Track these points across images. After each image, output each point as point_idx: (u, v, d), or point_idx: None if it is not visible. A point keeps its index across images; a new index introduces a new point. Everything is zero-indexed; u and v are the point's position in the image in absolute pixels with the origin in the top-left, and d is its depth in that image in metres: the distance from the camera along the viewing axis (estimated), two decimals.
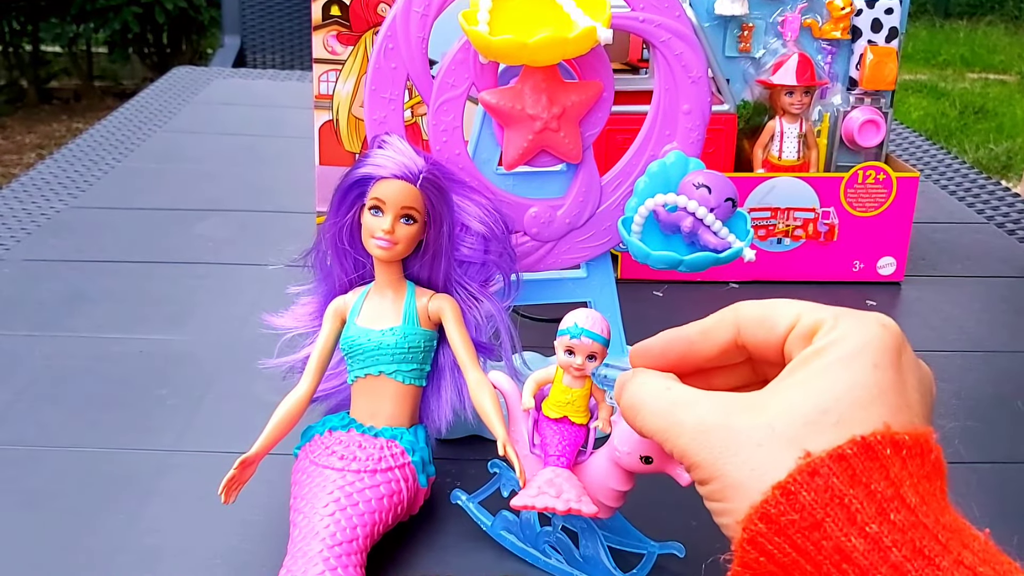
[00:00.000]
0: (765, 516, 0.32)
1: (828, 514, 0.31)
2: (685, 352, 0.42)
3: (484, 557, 0.56)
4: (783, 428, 0.34)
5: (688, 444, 0.36)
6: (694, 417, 0.37)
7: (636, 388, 0.41)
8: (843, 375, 0.34)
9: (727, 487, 0.34)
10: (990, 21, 5.87)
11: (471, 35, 0.56)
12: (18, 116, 4.02)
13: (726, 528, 0.35)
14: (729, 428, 0.35)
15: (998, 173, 3.74)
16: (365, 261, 0.59)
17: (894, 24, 0.91)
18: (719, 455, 0.35)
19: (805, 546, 0.31)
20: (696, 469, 0.36)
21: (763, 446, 0.34)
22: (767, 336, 0.39)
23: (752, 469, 0.33)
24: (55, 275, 0.90)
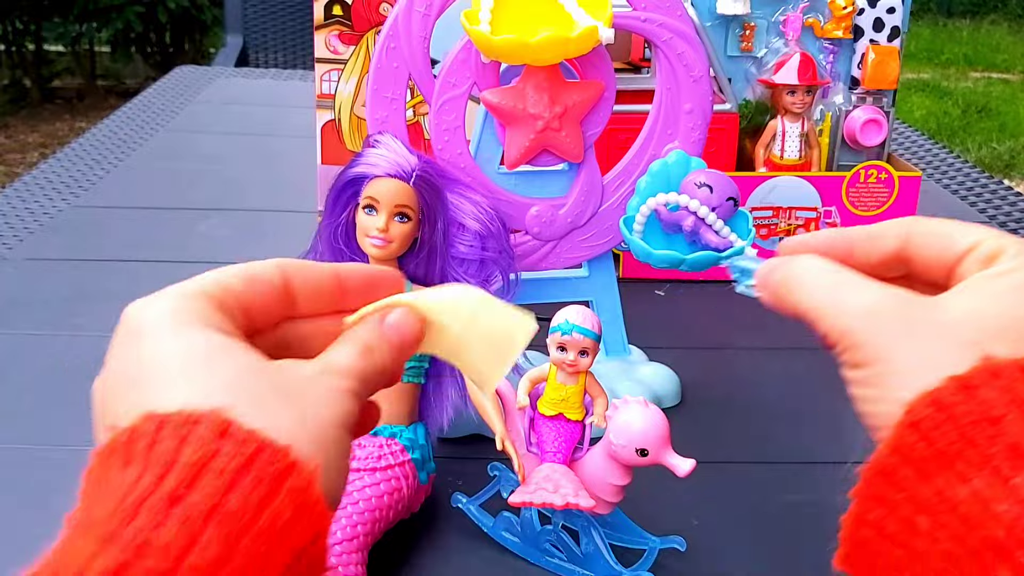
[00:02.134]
0: (937, 402, 0.31)
1: (1008, 412, 0.30)
2: (844, 255, 0.39)
3: (485, 555, 0.56)
4: (964, 329, 0.33)
5: (853, 323, 0.35)
6: (866, 298, 0.35)
7: (796, 264, 0.38)
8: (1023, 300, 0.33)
9: (890, 373, 0.33)
10: (993, 20, 5.87)
11: (473, 35, 0.56)
12: (21, 115, 4.02)
13: (872, 416, 0.34)
14: (905, 316, 0.34)
15: (1001, 172, 3.73)
16: (361, 260, 0.59)
17: (896, 23, 0.91)
18: (890, 339, 0.33)
19: (977, 437, 0.30)
20: (856, 350, 0.34)
21: (941, 339, 0.33)
22: (941, 252, 0.37)
23: (925, 359, 0.32)
24: (58, 274, 0.90)
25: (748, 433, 0.69)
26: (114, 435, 0.28)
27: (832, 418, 0.70)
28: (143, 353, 0.31)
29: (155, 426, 0.28)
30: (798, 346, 0.81)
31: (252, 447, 0.27)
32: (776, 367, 0.78)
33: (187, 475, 0.26)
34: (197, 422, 0.28)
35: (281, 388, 0.30)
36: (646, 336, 0.74)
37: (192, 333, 0.31)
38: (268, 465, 0.27)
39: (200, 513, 0.26)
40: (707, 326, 0.84)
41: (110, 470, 0.28)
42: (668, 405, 0.71)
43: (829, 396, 0.72)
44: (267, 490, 0.27)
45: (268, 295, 0.34)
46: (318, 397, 0.31)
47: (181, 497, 0.26)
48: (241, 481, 0.27)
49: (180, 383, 0.29)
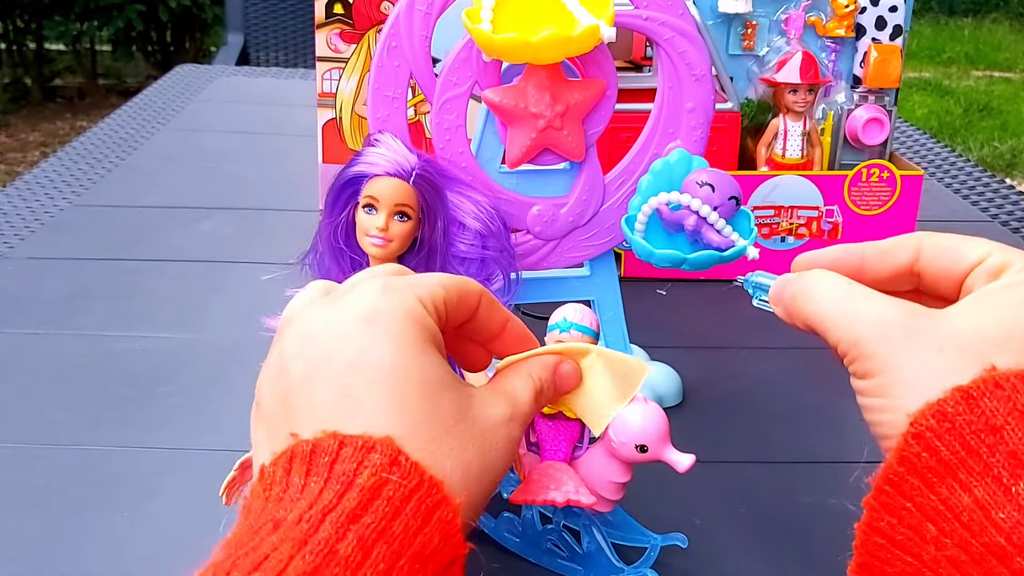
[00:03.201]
0: (940, 414, 0.32)
1: (1008, 422, 0.31)
2: (855, 270, 0.41)
3: (486, 555, 0.56)
4: (969, 341, 0.34)
5: (864, 333, 0.36)
6: (875, 309, 0.36)
7: (808, 277, 0.40)
8: None
9: (897, 383, 0.34)
10: (995, 18, 5.86)
11: (474, 33, 0.56)
12: (22, 114, 4.03)
13: (878, 425, 0.35)
14: (913, 327, 0.35)
15: (1003, 171, 3.73)
16: (361, 260, 0.59)
17: (898, 22, 0.91)
18: (897, 350, 0.34)
19: (979, 447, 0.31)
20: (865, 360, 0.35)
21: (945, 352, 0.34)
22: (951, 266, 0.38)
23: (930, 370, 0.33)
24: (58, 273, 0.90)
25: (750, 432, 0.69)
26: (296, 443, 0.32)
27: (834, 417, 0.70)
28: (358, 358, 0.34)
29: (337, 445, 0.32)
30: (800, 346, 0.81)
31: (415, 480, 0.32)
32: (778, 366, 0.78)
33: (363, 498, 0.31)
34: (372, 449, 0.32)
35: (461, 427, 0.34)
36: (648, 335, 0.74)
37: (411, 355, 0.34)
38: (425, 497, 0.31)
39: (373, 533, 0.30)
40: (709, 325, 0.84)
41: (292, 474, 0.32)
42: (670, 404, 0.70)
43: (831, 395, 0.72)
44: (422, 520, 0.31)
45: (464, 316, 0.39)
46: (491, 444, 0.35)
47: (358, 517, 0.30)
48: (404, 509, 0.31)
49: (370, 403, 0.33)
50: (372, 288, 0.36)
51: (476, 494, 0.34)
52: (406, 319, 0.35)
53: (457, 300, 0.38)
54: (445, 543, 0.32)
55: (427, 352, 0.35)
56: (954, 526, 0.31)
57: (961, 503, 0.31)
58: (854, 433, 0.67)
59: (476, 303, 0.39)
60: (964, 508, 0.31)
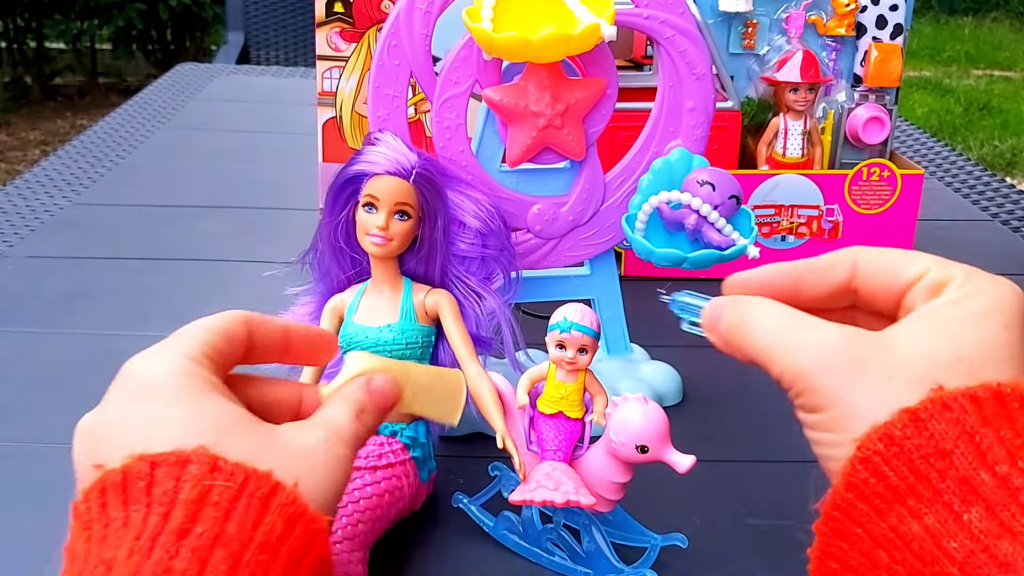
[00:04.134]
0: (887, 437, 0.31)
1: (957, 446, 0.30)
2: (791, 290, 0.39)
3: (487, 554, 0.56)
4: (917, 365, 0.32)
5: (808, 366, 0.34)
6: (817, 339, 0.34)
7: (746, 306, 0.38)
8: (977, 329, 0.33)
9: (847, 417, 0.33)
10: (995, 17, 5.86)
11: (475, 32, 0.56)
12: (22, 113, 4.02)
13: (829, 460, 0.34)
14: (858, 357, 0.33)
15: (1003, 170, 3.73)
16: (361, 259, 0.58)
17: (899, 20, 0.91)
18: (843, 382, 0.33)
19: (928, 472, 0.30)
20: (811, 394, 0.34)
21: (893, 380, 0.32)
22: (888, 283, 0.37)
23: (880, 400, 0.32)
24: (58, 272, 0.90)
25: (750, 432, 0.69)
26: (104, 474, 0.31)
27: None
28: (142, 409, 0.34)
29: (148, 466, 0.31)
30: None
31: (241, 477, 0.31)
32: None
33: (190, 511, 0.30)
34: (188, 461, 0.31)
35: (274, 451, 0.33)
36: (648, 334, 0.73)
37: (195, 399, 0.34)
38: (256, 490, 0.31)
39: (206, 541, 0.29)
40: None
41: (108, 508, 0.31)
42: (670, 403, 0.70)
43: None
44: (257, 512, 0.31)
45: (239, 351, 0.38)
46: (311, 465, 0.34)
47: (188, 531, 0.30)
48: (236, 508, 0.30)
49: (169, 433, 0.32)
50: (133, 366, 0.36)
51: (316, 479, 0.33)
52: (173, 381, 0.34)
53: (225, 340, 0.37)
54: (292, 526, 0.31)
55: (206, 399, 0.34)
56: (905, 555, 0.30)
57: (911, 531, 0.30)
58: None
59: (244, 331, 0.38)
60: (915, 536, 0.30)
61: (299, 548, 0.31)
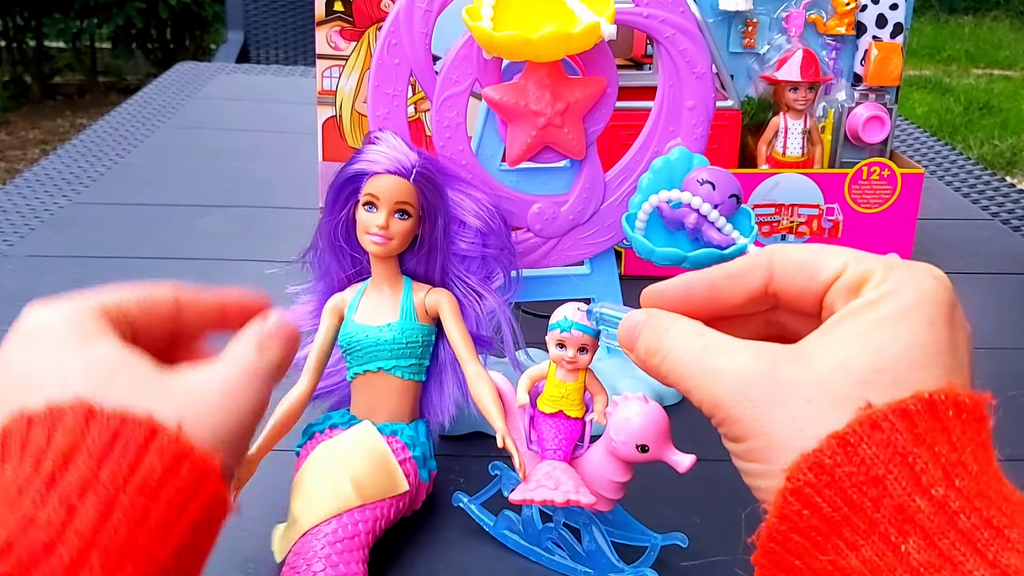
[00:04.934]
0: (817, 466, 0.29)
1: (890, 471, 0.28)
2: (706, 299, 0.37)
3: (487, 553, 0.56)
4: (835, 384, 0.31)
5: (725, 395, 0.33)
6: (733, 365, 0.33)
7: (662, 328, 0.36)
8: (899, 332, 0.31)
9: (769, 447, 0.31)
10: (995, 16, 5.86)
11: (475, 31, 0.56)
12: (22, 111, 4.02)
13: (760, 491, 0.33)
14: (774, 380, 0.32)
15: (1003, 169, 3.73)
16: (361, 258, 0.58)
17: (899, 20, 0.91)
18: (762, 410, 0.32)
19: (861, 501, 0.29)
20: (731, 424, 0.33)
21: (812, 403, 0.31)
22: (806, 284, 0.35)
23: (796, 430, 0.31)
24: (58, 271, 0.90)
25: None
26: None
27: None
28: (29, 358, 0.33)
29: (25, 423, 0.30)
30: None
31: (116, 422, 0.30)
32: None
33: (59, 461, 0.29)
34: (63, 412, 0.30)
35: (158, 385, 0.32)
36: None
37: (80, 342, 0.33)
38: (133, 434, 0.30)
39: (76, 487, 0.28)
40: None
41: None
42: (670, 403, 0.70)
43: None
44: (135, 455, 0.29)
45: (159, 317, 0.37)
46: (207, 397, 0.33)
47: (58, 480, 0.28)
48: (111, 453, 0.29)
49: (50, 383, 0.31)
50: (28, 312, 0.34)
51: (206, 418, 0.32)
52: (65, 324, 0.33)
53: (139, 302, 0.36)
54: (176, 467, 0.30)
55: (94, 342, 0.33)
56: None
57: (849, 565, 0.29)
58: None
59: (171, 302, 0.37)
60: (852, 570, 0.28)
61: (184, 489, 0.30)
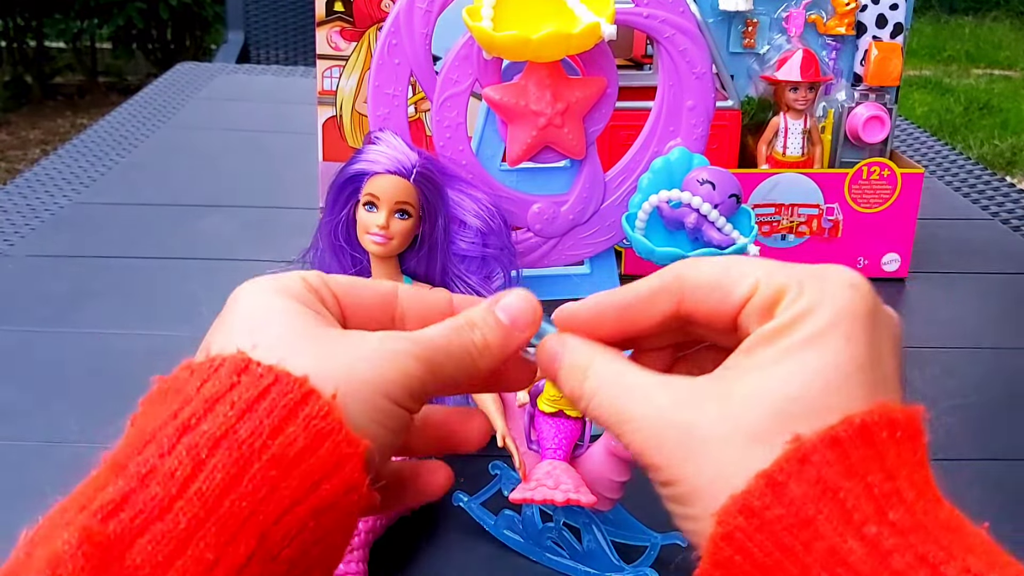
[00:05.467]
0: (747, 509, 0.28)
1: (820, 510, 0.27)
2: (617, 321, 0.35)
3: (487, 553, 0.56)
4: (748, 422, 0.29)
5: (644, 443, 0.31)
6: (651, 411, 0.32)
7: (579, 367, 0.34)
8: (812, 356, 0.30)
9: (693, 491, 0.30)
10: (995, 16, 5.86)
11: (475, 31, 0.56)
12: (23, 112, 4.02)
13: (691, 534, 0.31)
14: (689, 424, 0.30)
15: (1003, 169, 3.73)
16: (362, 257, 0.59)
17: (899, 20, 0.91)
18: (680, 457, 0.30)
19: (793, 545, 0.28)
20: (656, 471, 0.31)
21: (731, 441, 0.30)
22: (718, 306, 0.33)
23: (717, 472, 0.30)
24: (59, 271, 0.90)
25: None
26: (155, 385, 0.30)
27: None
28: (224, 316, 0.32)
29: (188, 372, 0.29)
30: None
31: (269, 380, 0.28)
32: None
33: (201, 408, 0.27)
34: (221, 364, 0.29)
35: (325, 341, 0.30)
36: None
37: (272, 300, 0.32)
38: (282, 395, 0.28)
39: (208, 441, 0.26)
40: None
41: (145, 415, 0.29)
42: None
43: None
44: (280, 419, 0.27)
45: (369, 301, 0.35)
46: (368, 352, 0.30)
47: (192, 427, 0.27)
48: (255, 410, 0.27)
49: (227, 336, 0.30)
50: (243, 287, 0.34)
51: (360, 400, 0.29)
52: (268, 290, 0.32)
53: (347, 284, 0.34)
54: (318, 442, 0.27)
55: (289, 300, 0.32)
56: None
57: None
58: None
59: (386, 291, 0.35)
60: None
61: (318, 470, 0.27)
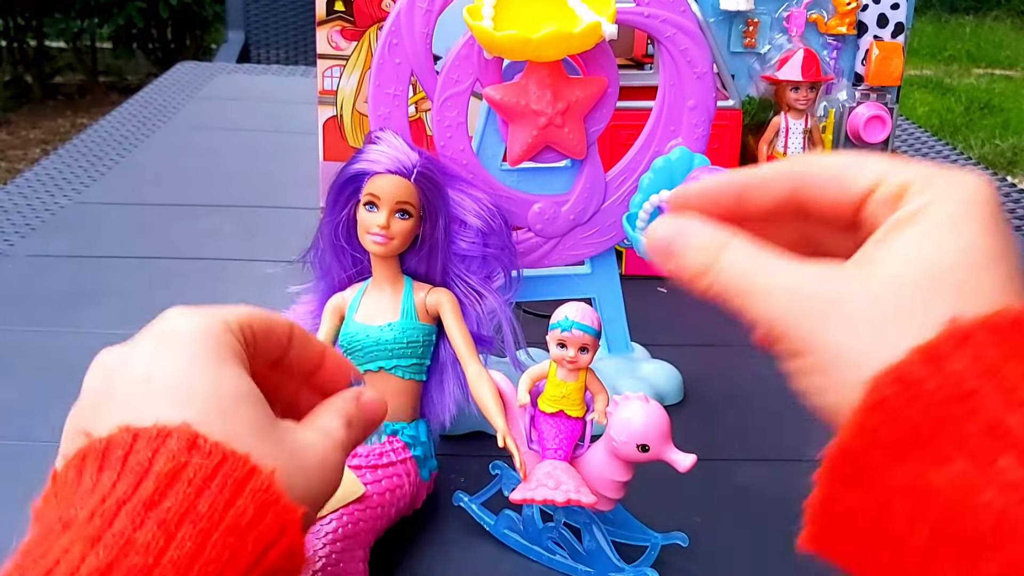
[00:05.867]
0: (903, 379, 0.28)
1: (981, 386, 0.27)
2: (734, 203, 0.36)
3: (487, 553, 0.56)
4: (897, 297, 0.30)
5: (779, 311, 0.32)
6: (791, 280, 0.32)
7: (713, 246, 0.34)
8: (952, 237, 0.30)
9: (832, 361, 0.30)
10: (996, 16, 5.86)
11: (475, 31, 0.56)
12: (23, 111, 4.02)
13: (823, 407, 0.31)
14: (833, 297, 0.31)
15: (1004, 169, 3.73)
16: (362, 257, 0.59)
17: (900, 19, 0.91)
18: (819, 323, 0.31)
19: (951, 417, 0.27)
20: (787, 339, 0.31)
21: (875, 317, 0.30)
22: (839, 196, 0.33)
23: (863, 343, 0.29)
24: (59, 270, 0.90)
25: (750, 430, 0.69)
26: (89, 442, 0.32)
27: None
28: (157, 361, 0.33)
29: (131, 438, 0.31)
30: None
31: (218, 457, 0.31)
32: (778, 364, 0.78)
33: (161, 484, 0.30)
34: (168, 435, 0.31)
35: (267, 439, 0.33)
36: (649, 333, 0.73)
37: (212, 361, 0.33)
38: (231, 471, 0.30)
39: (174, 516, 0.29)
40: (710, 323, 0.84)
41: (84, 473, 0.31)
42: (671, 402, 0.70)
43: None
44: (231, 493, 0.30)
45: (274, 348, 0.38)
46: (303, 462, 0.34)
47: (156, 503, 0.29)
48: (208, 487, 0.30)
49: (162, 403, 0.32)
50: (168, 314, 0.35)
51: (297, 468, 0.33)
52: (200, 335, 0.34)
53: (265, 327, 0.37)
54: (264, 512, 0.30)
55: (225, 365, 0.33)
56: (929, 505, 0.27)
57: (936, 481, 0.27)
58: None
59: (288, 333, 0.38)
60: (940, 488, 0.27)
61: (268, 535, 0.30)
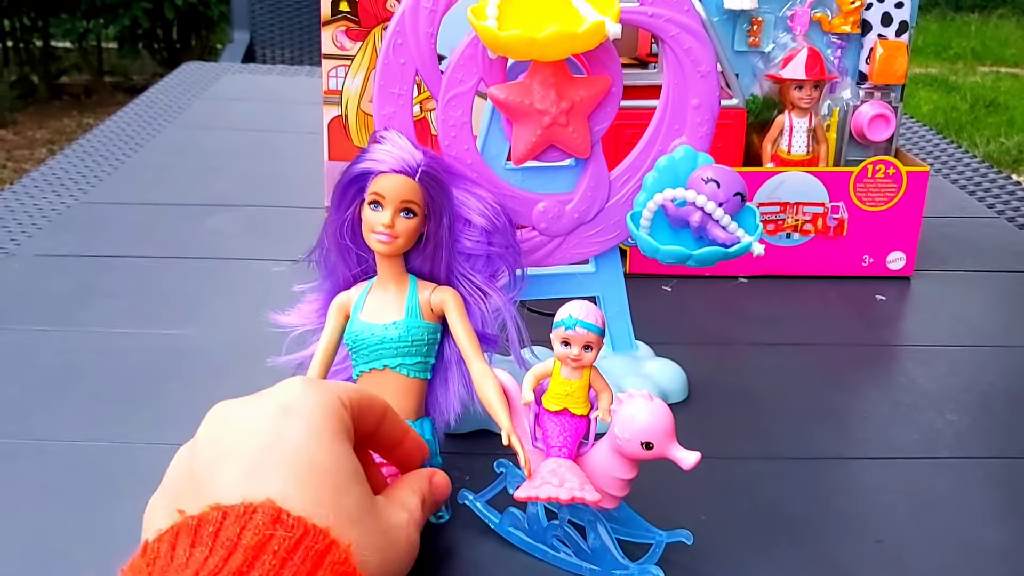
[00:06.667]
0: None
1: None
2: None
3: (492, 551, 0.56)
4: None
5: None
6: None
7: None
8: None
9: None
10: (1001, 14, 5.84)
11: (480, 30, 0.56)
12: (29, 111, 4.03)
13: None
14: None
15: (1009, 167, 3.72)
16: (367, 256, 0.59)
17: (904, 18, 0.91)
18: None
19: None
20: None
21: None
22: None
23: None
24: (65, 270, 0.91)
25: (755, 428, 0.69)
26: (182, 520, 0.34)
27: (839, 413, 0.70)
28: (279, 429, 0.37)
29: (221, 516, 0.34)
30: (806, 342, 0.81)
31: (300, 531, 0.33)
32: (784, 362, 0.78)
33: (248, 556, 0.32)
34: (255, 511, 0.33)
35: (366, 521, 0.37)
36: (653, 331, 0.74)
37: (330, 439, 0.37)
38: (313, 544, 0.33)
39: None
40: (714, 321, 0.84)
41: (176, 547, 0.33)
42: (675, 400, 0.70)
43: (837, 391, 0.72)
44: (312, 564, 0.33)
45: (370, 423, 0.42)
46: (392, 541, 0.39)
47: (245, 573, 0.31)
48: (292, 558, 0.32)
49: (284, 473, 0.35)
50: (292, 382, 0.38)
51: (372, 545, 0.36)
52: (324, 411, 0.37)
53: (366, 406, 0.40)
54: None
55: (341, 444, 0.37)
56: None
57: None
58: (859, 429, 0.67)
59: (382, 413, 0.42)
60: None
61: None
